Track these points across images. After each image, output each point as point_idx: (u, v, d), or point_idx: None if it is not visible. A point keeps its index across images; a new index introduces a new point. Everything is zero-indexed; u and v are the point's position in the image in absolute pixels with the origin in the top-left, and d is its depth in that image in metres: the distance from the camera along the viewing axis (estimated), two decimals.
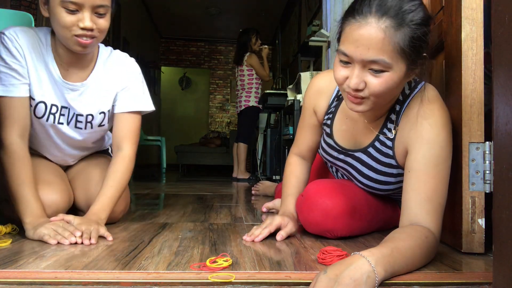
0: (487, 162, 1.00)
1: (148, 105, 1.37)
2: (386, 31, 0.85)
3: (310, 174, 1.40)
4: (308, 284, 0.75)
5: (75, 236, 1.04)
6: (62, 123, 1.29)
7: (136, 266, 0.84)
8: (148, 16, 7.10)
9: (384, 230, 1.29)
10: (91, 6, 1.10)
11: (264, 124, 4.77)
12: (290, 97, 3.34)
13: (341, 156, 1.21)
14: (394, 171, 1.11)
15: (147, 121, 6.81)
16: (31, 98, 1.21)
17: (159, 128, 8.31)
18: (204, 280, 0.75)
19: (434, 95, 1.01)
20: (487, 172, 1.00)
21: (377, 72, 0.89)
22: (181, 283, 0.74)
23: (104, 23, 1.15)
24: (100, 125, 1.36)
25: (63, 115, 1.28)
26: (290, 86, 3.35)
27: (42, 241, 1.05)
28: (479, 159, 1.01)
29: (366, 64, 0.89)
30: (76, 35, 1.12)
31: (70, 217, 1.13)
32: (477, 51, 1.01)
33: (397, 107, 1.06)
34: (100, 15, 1.14)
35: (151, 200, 2.27)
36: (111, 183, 1.25)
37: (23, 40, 1.17)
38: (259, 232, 1.13)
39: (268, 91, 3.79)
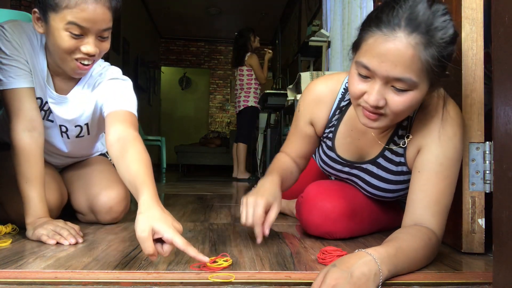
0: (487, 162, 1.00)
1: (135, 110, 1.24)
2: (416, 47, 0.79)
3: (306, 176, 1.35)
4: (308, 284, 0.75)
5: (75, 238, 1.04)
6: (52, 121, 1.28)
7: (136, 266, 0.84)
8: (148, 16, 7.10)
9: (385, 230, 1.29)
10: (97, 30, 1.07)
11: (264, 124, 4.77)
12: (290, 97, 3.33)
13: (346, 169, 1.17)
14: (405, 177, 1.07)
15: (147, 121, 6.82)
16: None
17: (159, 128, 8.31)
18: (204, 280, 0.75)
19: (446, 94, 0.98)
20: (487, 172, 1.00)
21: (400, 90, 0.83)
22: (181, 283, 0.74)
23: (106, 46, 1.13)
24: (78, 136, 1.34)
25: (45, 110, 1.26)
26: (290, 86, 3.35)
27: (41, 241, 1.04)
28: (479, 159, 1.01)
29: (390, 81, 0.83)
30: (77, 58, 1.10)
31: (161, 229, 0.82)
32: (477, 51, 1.01)
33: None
34: (103, 39, 1.11)
35: None
36: (136, 165, 0.99)
37: (20, 34, 1.15)
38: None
39: (268, 91, 3.79)
